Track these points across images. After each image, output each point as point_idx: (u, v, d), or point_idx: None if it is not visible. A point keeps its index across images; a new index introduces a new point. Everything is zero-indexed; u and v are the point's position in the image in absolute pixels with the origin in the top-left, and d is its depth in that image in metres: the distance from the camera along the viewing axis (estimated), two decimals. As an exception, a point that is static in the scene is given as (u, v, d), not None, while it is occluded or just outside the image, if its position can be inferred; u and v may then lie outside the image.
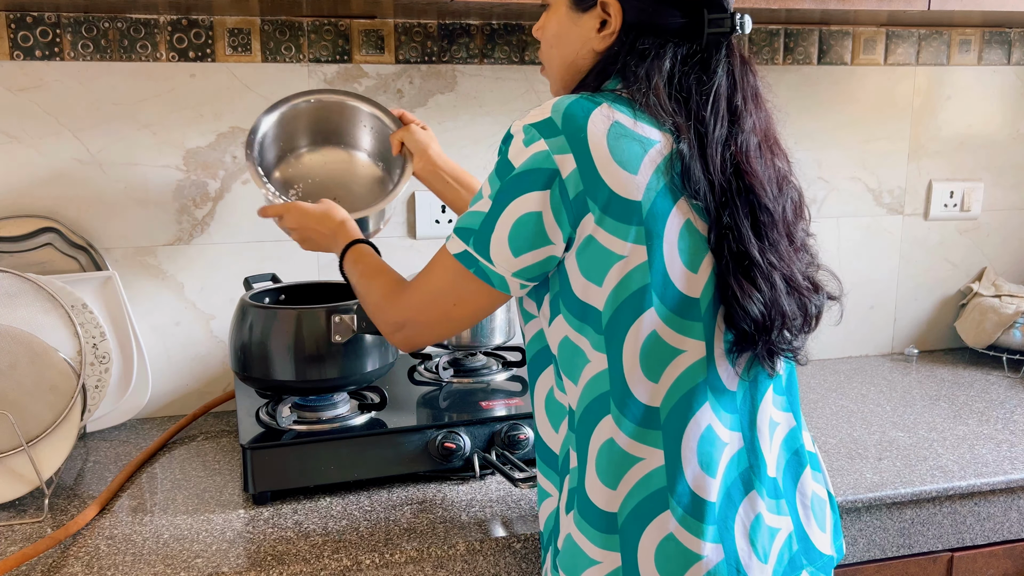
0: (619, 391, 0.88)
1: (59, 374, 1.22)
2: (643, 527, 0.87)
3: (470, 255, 0.90)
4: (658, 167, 0.85)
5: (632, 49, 0.90)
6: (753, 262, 0.86)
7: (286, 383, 1.23)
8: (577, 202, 0.85)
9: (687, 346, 0.87)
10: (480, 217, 0.89)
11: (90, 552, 1.08)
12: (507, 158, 0.88)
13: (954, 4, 1.49)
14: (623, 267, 0.85)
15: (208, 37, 1.45)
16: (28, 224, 1.41)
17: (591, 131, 0.84)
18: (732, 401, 0.90)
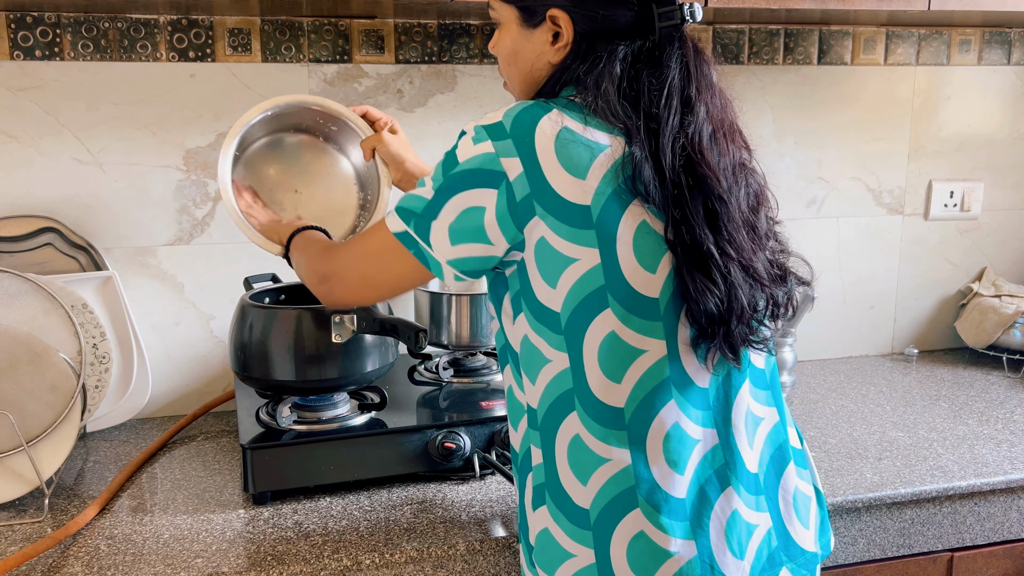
0: (582, 390, 0.89)
1: (59, 374, 1.22)
2: (614, 525, 0.88)
3: (410, 236, 0.92)
4: (608, 171, 0.86)
5: (585, 58, 0.92)
6: (706, 254, 0.86)
7: (286, 383, 1.23)
8: (523, 205, 0.86)
9: (648, 346, 0.88)
10: (423, 203, 0.91)
11: (90, 552, 1.08)
12: (454, 153, 0.90)
13: (954, 4, 1.49)
14: (576, 270, 0.86)
15: (208, 37, 1.45)
16: (28, 224, 1.41)
17: (539, 136, 0.86)
18: (703, 397, 0.91)
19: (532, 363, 0.92)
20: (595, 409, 0.88)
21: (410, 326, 1.17)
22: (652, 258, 0.87)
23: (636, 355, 0.88)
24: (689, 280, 0.86)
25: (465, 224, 0.89)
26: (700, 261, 0.87)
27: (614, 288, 0.87)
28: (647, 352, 0.88)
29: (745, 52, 1.70)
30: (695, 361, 0.90)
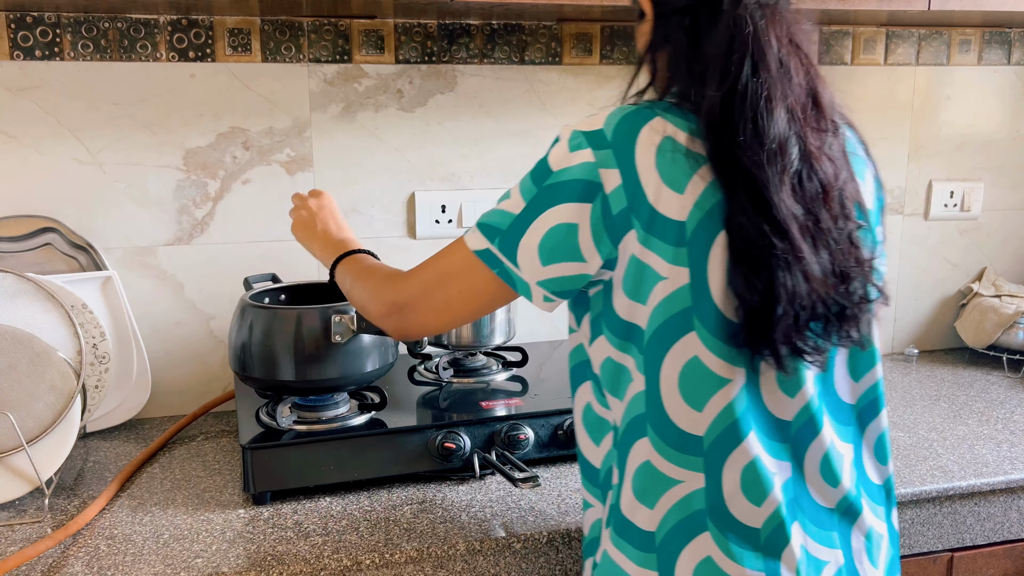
0: (656, 415, 0.84)
1: (59, 374, 1.22)
2: (681, 547, 0.85)
3: (494, 255, 0.87)
4: (707, 186, 0.80)
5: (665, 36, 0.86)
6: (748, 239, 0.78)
7: (286, 383, 1.23)
8: (620, 219, 0.81)
9: (731, 374, 0.83)
10: (509, 218, 0.85)
11: (90, 552, 1.08)
12: (547, 162, 0.84)
13: (954, 4, 1.49)
14: (665, 288, 0.82)
15: (208, 37, 1.45)
16: (28, 224, 1.41)
17: (639, 146, 0.80)
18: (784, 430, 0.87)
19: (618, 382, 0.88)
20: (671, 435, 0.84)
21: None
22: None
23: (720, 384, 0.83)
24: (733, 270, 0.80)
25: (557, 242, 0.83)
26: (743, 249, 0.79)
27: (701, 311, 0.81)
28: (731, 382, 0.83)
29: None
30: (778, 391, 0.85)
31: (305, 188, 1.53)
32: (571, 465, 1.31)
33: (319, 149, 1.54)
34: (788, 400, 0.86)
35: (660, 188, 0.80)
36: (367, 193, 1.57)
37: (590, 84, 1.64)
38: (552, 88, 1.62)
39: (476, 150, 1.61)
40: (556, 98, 1.63)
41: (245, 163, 1.51)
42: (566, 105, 1.63)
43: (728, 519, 0.85)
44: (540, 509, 1.18)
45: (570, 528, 1.13)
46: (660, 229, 0.81)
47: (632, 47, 1.64)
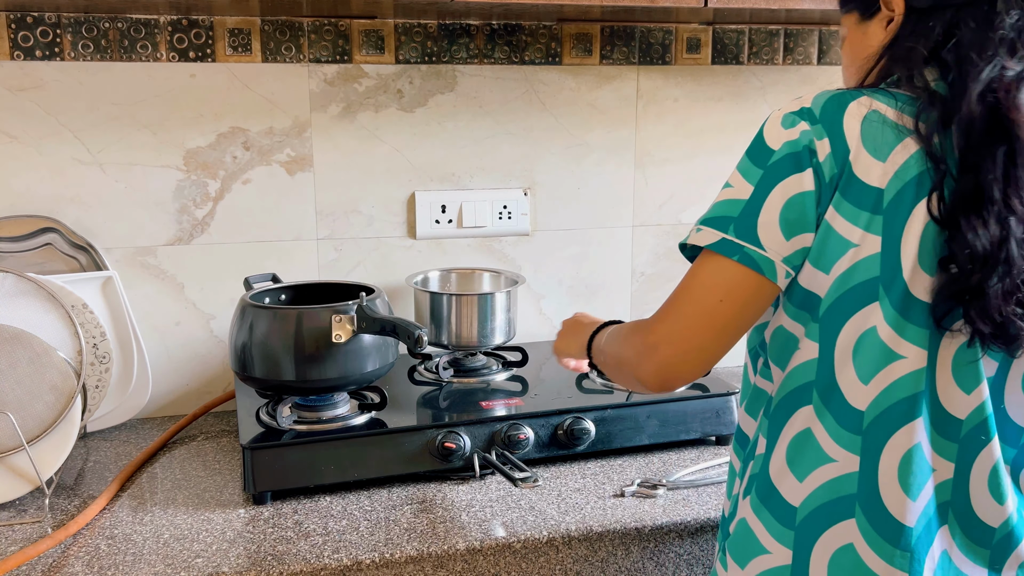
0: (825, 383, 0.83)
1: (59, 374, 1.22)
2: (822, 530, 0.84)
3: (731, 242, 0.83)
4: (912, 155, 0.80)
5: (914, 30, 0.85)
6: (986, 195, 0.77)
7: (286, 383, 1.23)
8: (831, 186, 0.81)
9: (907, 351, 0.81)
10: (739, 204, 0.83)
11: (90, 552, 1.08)
12: (763, 141, 0.84)
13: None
14: (854, 255, 0.80)
15: (208, 37, 1.45)
16: (28, 224, 1.41)
17: (848, 118, 0.81)
18: (955, 428, 0.83)
19: (783, 351, 0.87)
20: (836, 406, 0.83)
21: (410, 326, 1.17)
22: (935, 260, 0.80)
23: (892, 359, 0.81)
24: (963, 220, 0.77)
25: (794, 212, 0.81)
26: (977, 201, 0.78)
27: (888, 282, 0.80)
28: (905, 359, 0.81)
29: (745, 52, 1.70)
30: (953, 384, 0.83)
31: (305, 188, 1.54)
32: (571, 465, 1.31)
33: (319, 149, 1.54)
34: (963, 396, 0.83)
35: (860, 152, 0.80)
36: (367, 193, 1.58)
37: (590, 84, 1.64)
38: (552, 88, 1.62)
39: (476, 150, 1.61)
40: (556, 98, 1.63)
41: (245, 163, 1.51)
42: (566, 105, 1.64)
43: (879, 509, 0.82)
44: (540, 509, 1.18)
45: (570, 528, 1.13)
46: (856, 194, 0.80)
47: (632, 47, 1.64)
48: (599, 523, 1.14)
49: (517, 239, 1.67)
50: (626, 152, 1.69)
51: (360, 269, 1.60)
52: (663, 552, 1.16)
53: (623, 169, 1.69)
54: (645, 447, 1.36)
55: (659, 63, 1.66)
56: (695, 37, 1.67)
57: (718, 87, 1.71)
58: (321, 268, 1.58)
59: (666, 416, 1.35)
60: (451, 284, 1.62)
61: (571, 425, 1.29)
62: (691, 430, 1.36)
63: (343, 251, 1.58)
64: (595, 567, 1.14)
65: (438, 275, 1.61)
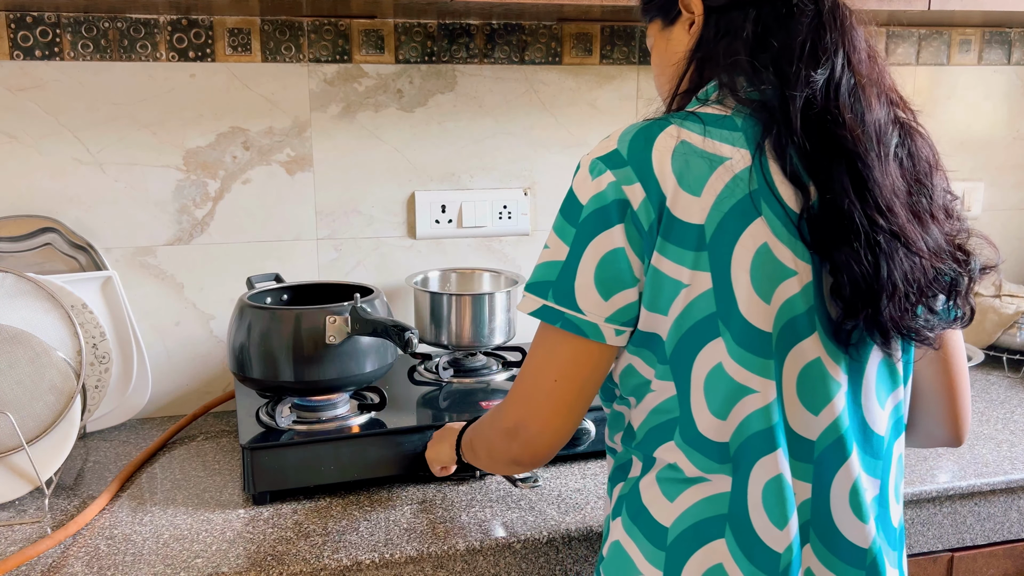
0: (686, 421, 0.83)
1: (59, 374, 1.22)
2: (692, 550, 0.83)
3: (551, 309, 0.82)
4: (725, 186, 0.78)
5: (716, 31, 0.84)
6: (847, 220, 0.77)
7: (285, 384, 1.23)
8: (651, 234, 0.79)
9: (757, 385, 0.80)
10: (556, 267, 0.82)
11: (90, 552, 1.08)
12: (574, 195, 0.82)
13: (954, 4, 1.49)
14: (686, 295, 0.79)
15: (208, 37, 1.45)
16: (28, 224, 1.41)
17: (655, 156, 0.79)
18: (808, 450, 0.83)
19: (636, 388, 0.87)
20: (698, 442, 0.83)
21: (400, 327, 1.17)
22: (769, 286, 0.79)
23: (744, 393, 0.81)
24: (835, 254, 0.78)
25: (609, 271, 0.80)
26: (843, 229, 0.78)
27: (726, 316, 0.79)
28: (757, 393, 0.81)
29: None
30: (802, 408, 0.83)
31: (305, 188, 1.54)
32: (571, 465, 1.31)
33: (319, 149, 1.54)
34: (812, 418, 0.83)
35: (676, 192, 0.78)
36: (367, 193, 1.57)
37: (590, 84, 1.64)
38: (552, 88, 1.62)
39: (476, 150, 1.61)
40: (556, 98, 1.63)
41: (245, 163, 1.51)
42: (566, 105, 1.64)
43: (748, 531, 0.82)
44: (540, 509, 1.18)
45: (570, 528, 1.13)
46: (678, 234, 0.79)
47: (633, 47, 1.64)
48: (599, 523, 1.14)
49: (517, 239, 1.67)
50: (626, 152, 1.68)
51: (360, 269, 1.60)
52: (663, 552, 1.16)
53: (623, 169, 1.69)
54: (645, 447, 1.36)
55: (659, 63, 1.66)
56: None
57: (718, 87, 1.70)
58: (321, 268, 1.58)
59: (666, 416, 1.35)
60: (451, 284, 1.62)
61: (571, 425, 1.29)
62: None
63: (343, 251, 1.58)
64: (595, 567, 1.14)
65: (438, 275, 1.61)
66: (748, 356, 0.80)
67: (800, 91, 0.79)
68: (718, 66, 0.84)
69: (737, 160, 0.79)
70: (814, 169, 0.79)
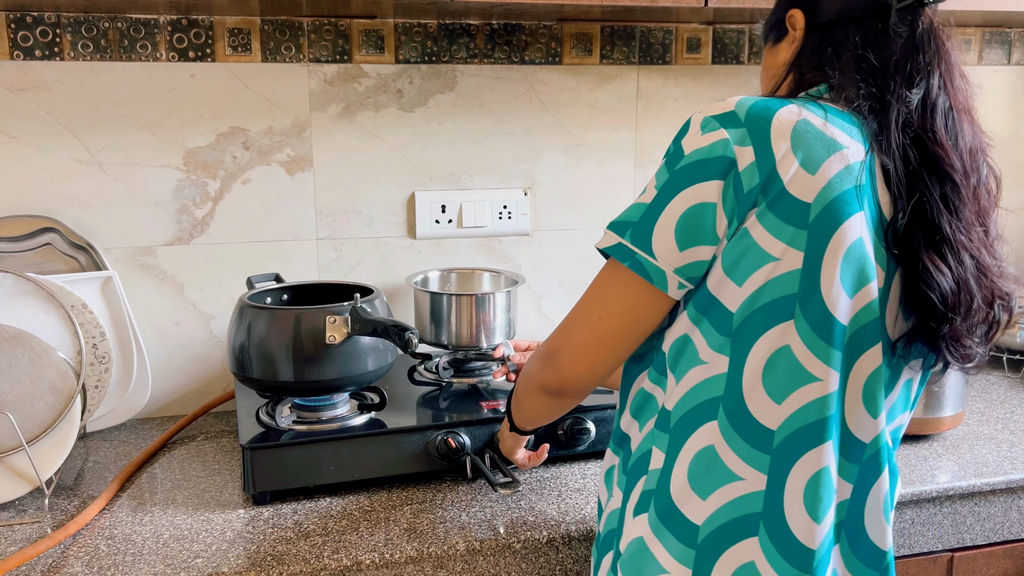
0: (733, 401, 0.82)
1: (59, 374, 1.22)
2: (723, 548, 0.83)
3: (625, 248, 0.82)
4: (839, 173, 0.78)
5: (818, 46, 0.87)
6: (943, 235, 0.79)
7: (284, 384, 1.23)
8: (750, 197, 0.79)
9: (822, 374, 0.80)
10: (642, 209, 0.82)
11: (90, 552, 1.08)
12: (680, 146, 0.82)
13: (954, 4, 1.49)
14: (772, 270, 0.79)
15: (208, 37, 1.45)
16: (28, 224, 1.41)
17: (775, 125, 0.79)
18: (858, 451, 0.84)
19: (682, 361, 0.84)
20: (743, 423, 0.81)
21: (400, 327, 1.17)
22: (856, 282, 0.79)
23: (807, 380, 0.80)
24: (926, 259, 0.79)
25: (692, 223, 0.79)
26: (936, 242, 0.79)
27: (806, 300, 0.78)
28: (820, 381, 0.80)
29: (745, 52, 1.70)
30: (862, 407, 0.83)
31: (305, 188, 1.54)
32: (571, 465, 1.31)
33: (319, 149, 1.54)
34: (870, 420, 0.83)
35: (791, 163, 0.78)
36: (367, 193, 1.57)
37: (590, 84, 1.64)
38: (552, 88, 1.62)
39: (476, 150, 1.61)
40: (556, 98, 1.63)
41: (245, 163, 1.51)
42: (566, 105, 1.63)
43: (783, 530, 0.82)
44: (540, 509, 1.18)
45: (570, 528, 1.13)
46: (783, 208, 0.78)
47: (633, 47, 1.64)
48: (599, 523, 1.14)
49: (517, 239, 1.67)
50: (626, 152, 1.69)
51: (360, 269, 1.60)
52: (663, 552, 1.16)
53: (623, 169, 1.69)
54: (645, 447, 1.36)
55: (659, 63, 1.66)
56: (695, 37, 1.67)
57: (718, 87, 1.70)
58: (321, 268, 1.58)
59: (666, 416, 1.35)
60: (451, 284, 1.62)
61: (571, 425, 1.29)
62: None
63: (343, 251, 1.58)
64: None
65: (438, 275, 1.61)
66: (820, 343, 0.79)
67: (897, 105, 0.81)
68: (823, 73, 0.86)
69: (852, 151, 0.80)
70: (910, 181, 0.80)
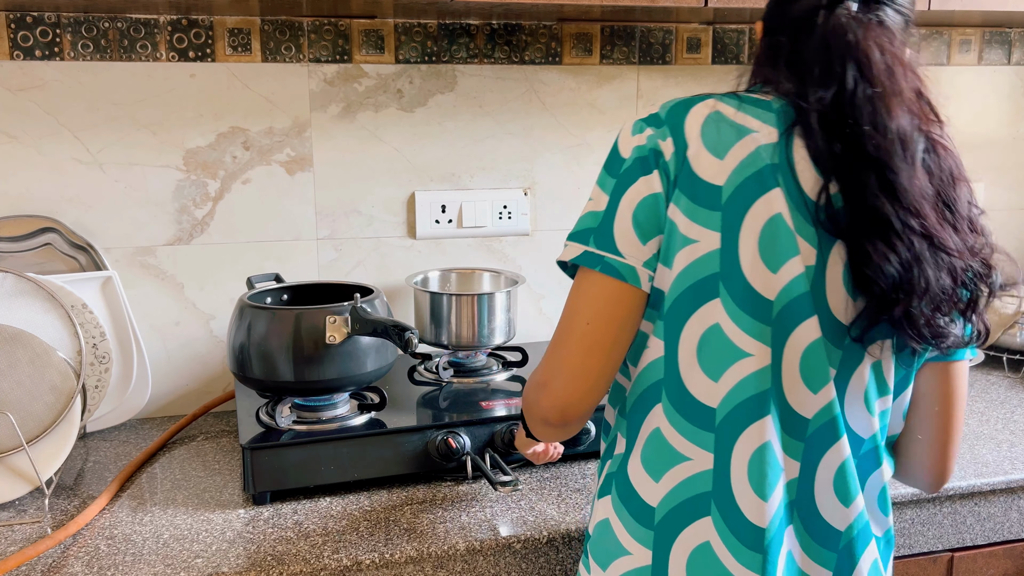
0: (673, 382, 0.84)
1: (59, 374, 1.22)
2: (679, 529, 0.85)
3: (591, 254, 0.85)
4: (750, 154, 0.82)
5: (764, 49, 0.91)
6: (883, 219, 0.78)
7: (284, 384, 1.23)
8: (674, 185, 0.83)
9: (753, 349, 0.82)
10: (598, 215, 0.86)
11: (90, 552, 1.08)
12: (616, 151, 0.87)
13: (954, 4, 1.49)
14: (693, 251, 0.82)
15: (208, 37, 1.45)
16: (28, 224, 1.41)
17: (689, 119, 0.84)
18: (801, 427, 0.84)
19: (637, 349, 0.88)
20: (684, 404, 0.84)
21: (400, 327, 1.17)
22: (777, 257, 0.81)
23: (739, 356, 0.82)
24: (868, 244, 0.79)
25: (647, 215, 0.83)
26: (876, 226, 0.79)
27: (728, 279, 0.81)
28: (752, 356, 0.82)
29: (745, 52, 1.70)
30: (799, 382, 0.83)
31: (305, 188, 1.54)
32: (571, 465, 1.31)
33: (319, 149, 1.54)
34: (810, 395, 0.84)
35: (700, 151, 0.82)
36: (367, 193, 1.58)
37: (590, 84, 1.64)
38: (552, 88, 1.62)
39: (476, 150, 1.61)
40: (556, 98, 1.63)
41: (245, 163, 1.51)
42: (566, 105, 1.64)
43: (732, 507, 0.83)
44: (540, 509, 1.18)
45: (570, 528, 1.13)
46: (695, 191, 0.82)
47: (632, 47, 1.64)
48: (599, 523, 1.14)
49: (517, 239, 1.67)
50: (626, 152, 1.69)
51: (360, 269, 1.60)
52: (663, 552, 1.16)
53: (623, 169, 1.69)
54: (645, 447, 1.36)
55: (659, 63, 1.66)
56: (695, 37, 1.67)
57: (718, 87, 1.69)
58: (321, 268, 1.58)
59: (666, 416, 1.35)
60: (451, 284, 1.62)
61: (571, 425, 1.29)
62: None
63: (343, 251, 1.58)
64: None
65: (438, 275, 1.61)
66: (747, 319, 0.82)
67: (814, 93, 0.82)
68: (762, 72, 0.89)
69: (764, 134, 0.83)
70: (840, 169, 0.81)
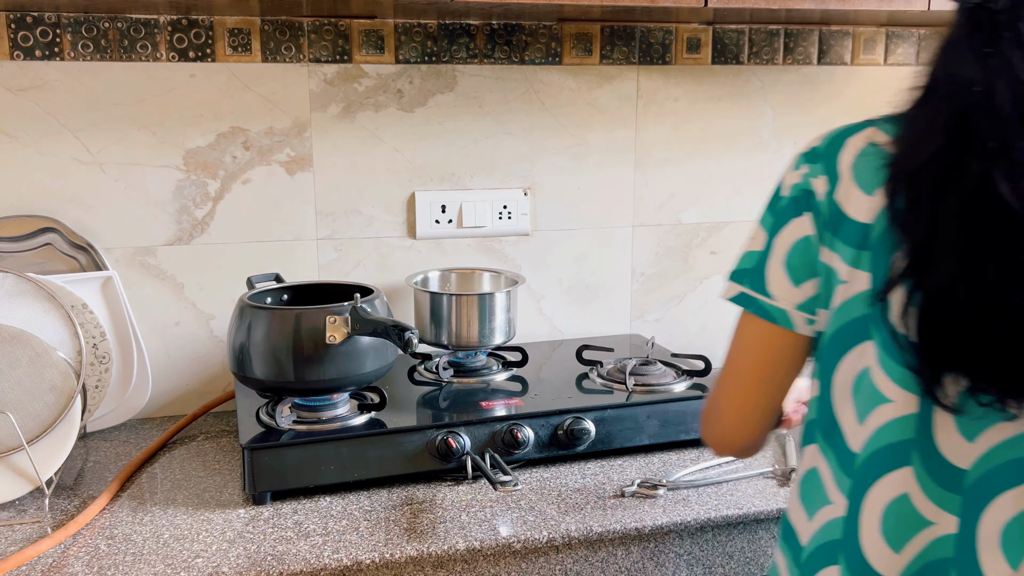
0: (826, 422, 0.82)
1: (59, 374, 1.22)
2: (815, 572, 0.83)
3: (746, 295, 0.85)
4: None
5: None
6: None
7: (284, 384, 1.23)
8: (828, 225, 0.80)
9: (895, 395, 0.76)
10: (754, 256, 0.85)
11: (90, 552, 1.08)
12: (779, 187, 0.85)
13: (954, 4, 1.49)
14: (845, 292, 0.79)
15: (208, 37, 1.45)
16: (28, 224, 1.41)
17: (843, 154, 0.80)
18: (955, 478, 0.76)
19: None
20: (837, 445, 0.81)
21: (400, 327, 1.17)
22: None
23: (880, 401, 0.77)
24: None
25: (799, 259, 0.82)
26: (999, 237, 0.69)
27: (877, 321, 0.76)
28: (892, 403, 0.77)
29: (745, 52, 1.70)
30: (953, 429, 0.75)
31: (305, 188, 1.54)
32: (571, 465, 1.31)
33: (319, 149, 1.54)
34: (965, 443, 0.75)
35: (851, 188, 0.78)
36: (367, 193, 1.58)
37: (590, 84, 1.64)
38: (552, 88, 1.62)
39: (476, 150, 1.61)
40: (556, 98, 1.63)
41: (245, 163, 1.51)
42: (566, 105, 1.64)
43: (858, 559, 0.79)
44: (540, 509, 1.18)
45: (570, 528, 1.13)
46: (845, 230, 0.78)
47: (633, 47, 1.64)
48: (599, 523, 1.14)
49: (517, 239, 1.67)
50: (626, 152, 1.69)
51: (360, 269, 1.60)
52: (663, 552, 1.16)
53: (623, 169, 1.69)
54: (645, 447, 1.36)
55: (659, 63, 1.66)
56: (695, 37, 1.67)
57: (718, 87, 1.70)
58: (321, 268, 1.58)
59: (666, 416, 1.35)
60: (451, 284, 1.62)
61: (571, 425, 1.29)
62: (691, 430, 1.36)
63: (343, 251, 1.58)
64: (595, 567, 1.14)
65: (438, 275, 1.61)
66: (893, 365, 0.76)
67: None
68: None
69: None
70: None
